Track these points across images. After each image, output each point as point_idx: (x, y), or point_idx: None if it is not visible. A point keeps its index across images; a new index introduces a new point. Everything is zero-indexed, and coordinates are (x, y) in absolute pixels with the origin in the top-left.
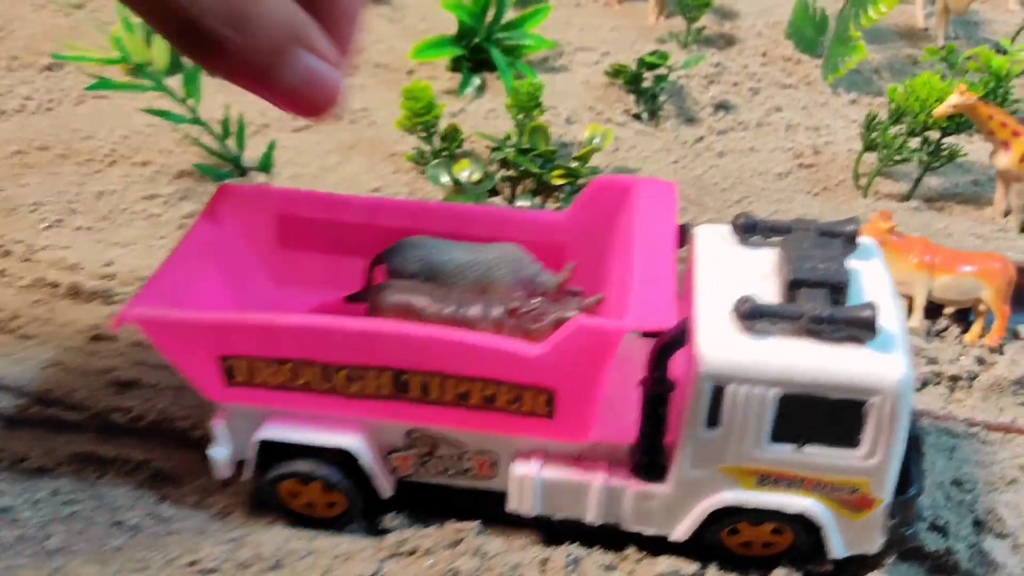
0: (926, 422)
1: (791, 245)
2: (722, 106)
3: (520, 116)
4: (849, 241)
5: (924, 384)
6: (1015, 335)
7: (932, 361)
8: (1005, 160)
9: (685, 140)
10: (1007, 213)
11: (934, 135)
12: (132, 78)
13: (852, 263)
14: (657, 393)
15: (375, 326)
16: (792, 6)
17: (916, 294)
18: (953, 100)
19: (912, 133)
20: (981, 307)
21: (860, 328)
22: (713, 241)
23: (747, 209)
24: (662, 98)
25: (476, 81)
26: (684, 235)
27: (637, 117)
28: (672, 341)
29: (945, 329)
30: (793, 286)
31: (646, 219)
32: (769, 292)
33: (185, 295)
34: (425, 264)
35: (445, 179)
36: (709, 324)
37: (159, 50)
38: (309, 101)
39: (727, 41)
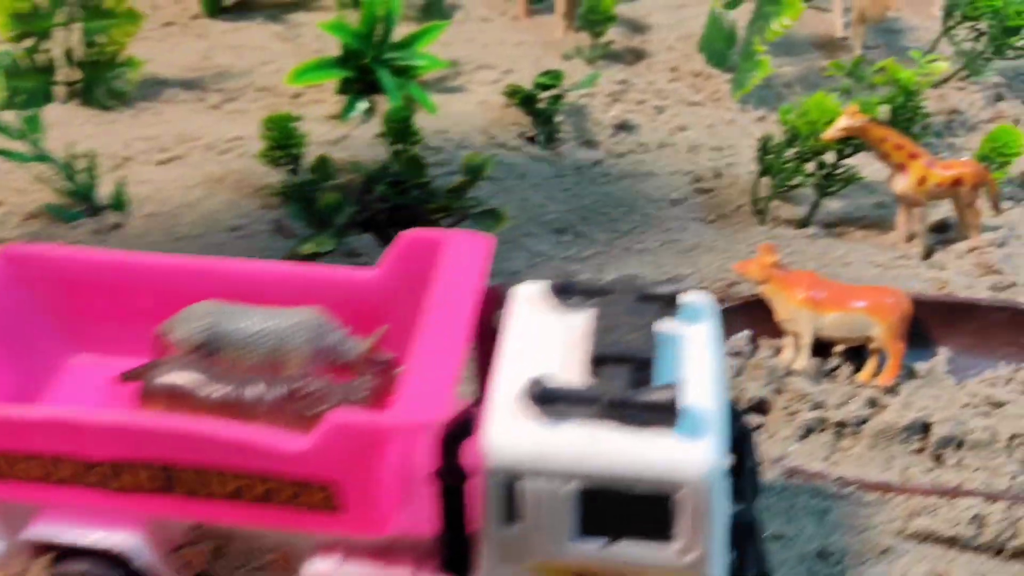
0: (797, 481)
1: (604, 312)
2: (624, 127)
3: (396, 144)
4: (668, 305)
5: (808, 432)
6: (911, 374)
7: (817, 406)
8: (903, 184)
9: (581, 164)
10: (911, 238)
11: (832, 157)
12: None
13: (672, 330)
14: (449, 485)
15: (128, 419)
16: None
17: (802, 332)
18: (842, 122)
19: (804, 157)
20: (873, 345)
21: (660, 412)
22: (529, 305)
23: (636, 240)
24: (560, 119)
25: (363, 105)
26: (500, 296)
27: (533, 140)
28: (458, 430)
29: (836, 368)
30: (597, 362)
31: (448, 282)
32: (576, 368)
33: None
34: (211, 335)
35: (305, 217)
36: (501, 409)
37: None
38: None
39: (636, 56)
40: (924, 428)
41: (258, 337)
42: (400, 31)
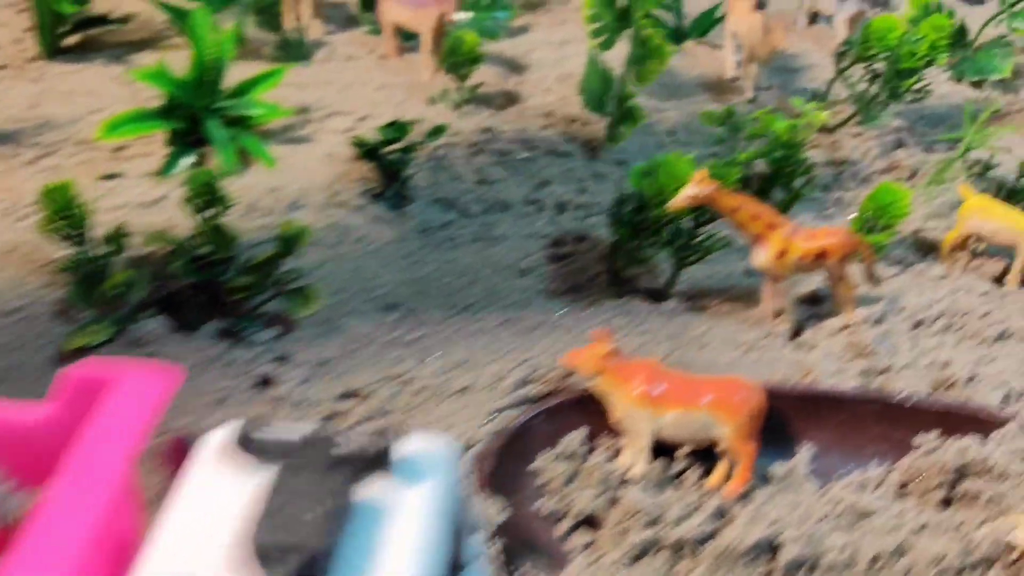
0: None
1: (284, 478)
2: (484, 181)
3: (201, 212)
4: (376, 464)
5: (641, 553)
6: (765, 478)
7: (653, 522)
8: (762, 257)
9: (429, 226)
10: (778, 314)
11: (690, 223)
12: None
13: (377, 499)
14: None
15: None
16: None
17: (639, 433)
18: (688, 191)
19: (658, 223)
20: (721, 447)
21: None
22: (209, 462)
23: (474, 317)
24: (415, 173)
25: (187, 160)
26: (185, 448)
27: (380, 197)
28: None
29: (682, 473)
30: (261, 553)
31: (101, 431)
32: (236, 560)
33: None
34: None
35: (88, 298)
36: None
37: None
38: None
39: (508, 99)
40: (772, 548)
41: None
42: (253, 71)
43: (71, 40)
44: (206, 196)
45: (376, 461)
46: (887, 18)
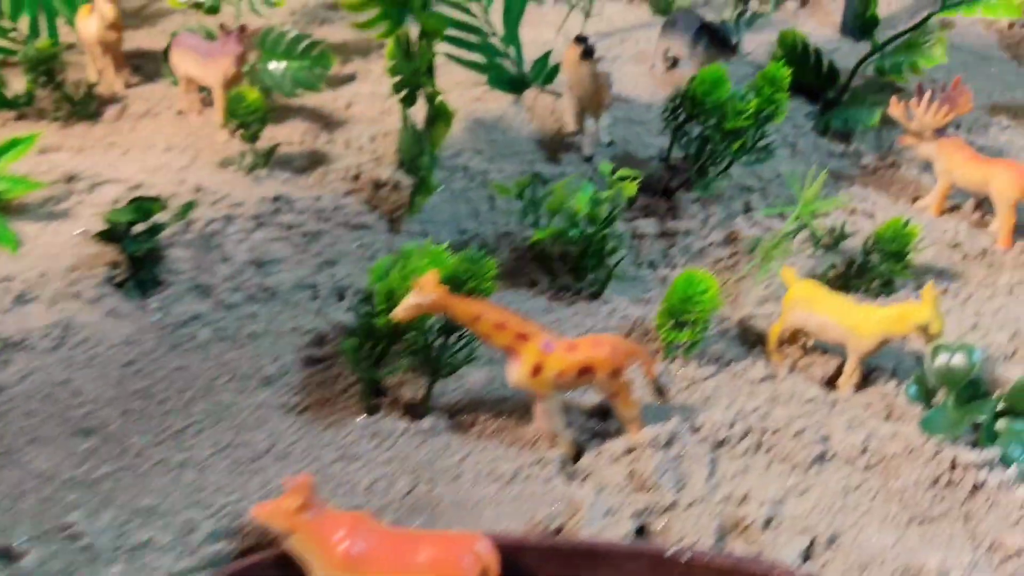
0: None
1: None
2: (257, 263)
3: None
4: None
5: None
6: None
7: None
8: (515, 374)
9: (171, 322)
10: (553, 437)
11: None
12: None
13: None
14: None
15: None
16: None
17: None
18: (411, 298)
19: (395, 330)
20: None
21: None
22: None
23: (185, 443)
24: (169, 255)
25: None
26: None
27: (122, 286)
28: None
29: None
30: None
31: None
32: None
33: None
34: None
35: None
36: None
37: None
38: None
39: (313, 160)
40: None
41: None
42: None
43: None
44: None
45: None
46: (714, 69)
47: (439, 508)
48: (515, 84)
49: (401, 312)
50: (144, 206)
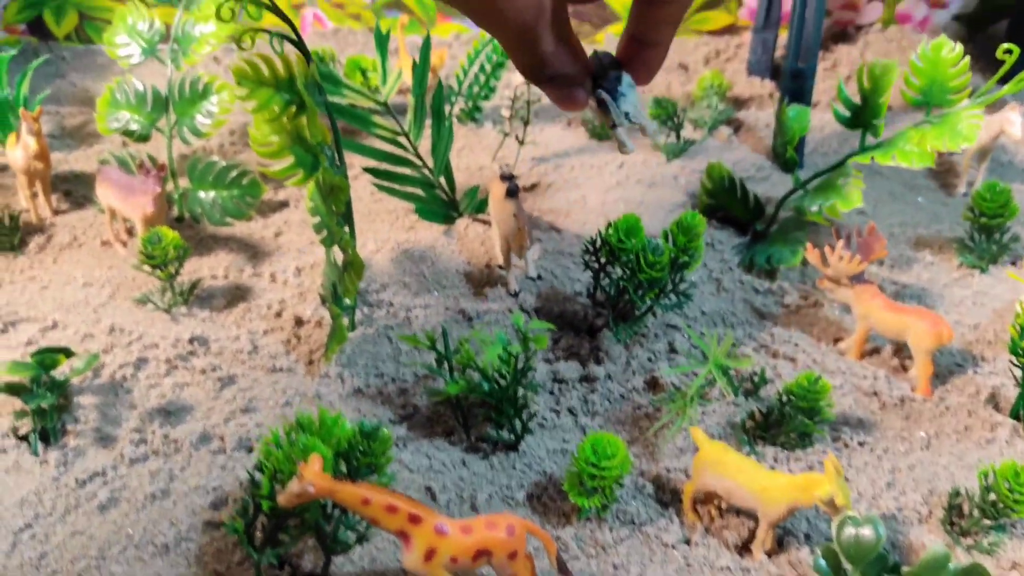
0: None
1: None
2: (165, 411)
3: None
4: None
5: None
6: None
7: None
8: (409, 560)
9: (72, 479)
10: None
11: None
12: None
13: None
14: None
15: None
16: None
17: None
18: (294, 487)
19: (282, 512)
20: None
21: None
22: None
23: None
24: (88, 400)
25: None
26: None
27: (26, 438)
28: None
29: None
30: None
31: None
32: None
33: None
34: None
35: None
36: None
37: None
38: (566, 105)
39: (234, 297)
40: None
41: None
42: None
43: None
44: None
45: None
46: (629, 217)
47: None
48: (446, 215)
49: (284, 500)
50: (48, 359)
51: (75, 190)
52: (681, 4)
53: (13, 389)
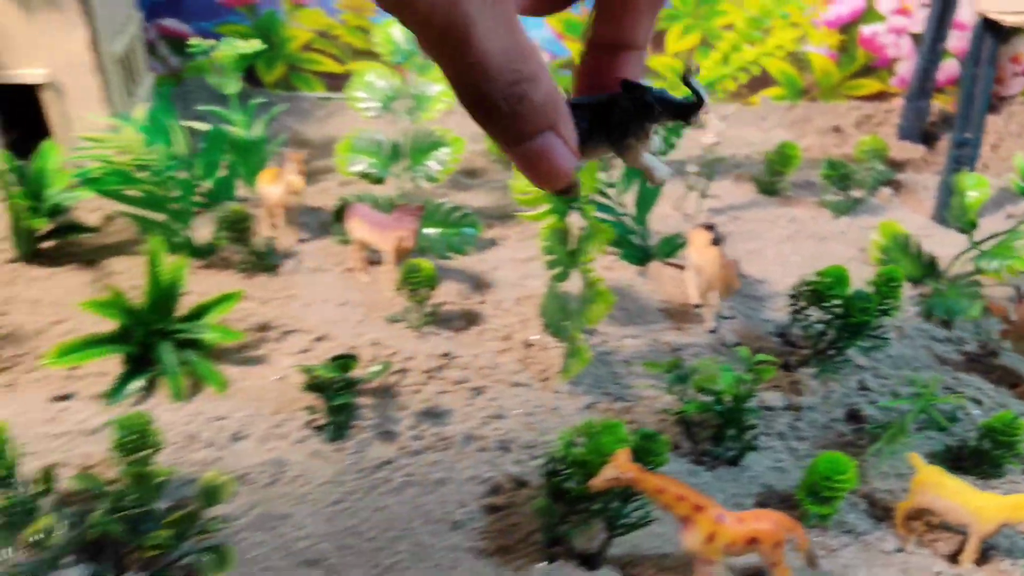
0: None
1: None
2: (430, 414)
3: (128, 456)
4: None
5: None
6: None
7: None
8: (690, 541)
9: (366, 466)
10: None
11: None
12: None
13: None
14: None
15: None
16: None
17: None
18: (608, 473)
19: (585, 494)
20: None
21: None
22: None
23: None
24: (364, 403)
25: (137, 384)
26: None
27: (321, 429)
28: None
29: None
30: None
31: None
32: None
33: None
34: None
35: (11, 545)
36: None
37: None
38: (540, 174)
39: (468, 320)
40: None
41: None
42: (217, 282)
43: (47, 244)
44: (136, 441)
45: None
46: (836, 268)
47: None
48: (641, 257)
49: (599, 483)
50: (346, 363)
51: (309, 222)
52: None
53: (317, 387)
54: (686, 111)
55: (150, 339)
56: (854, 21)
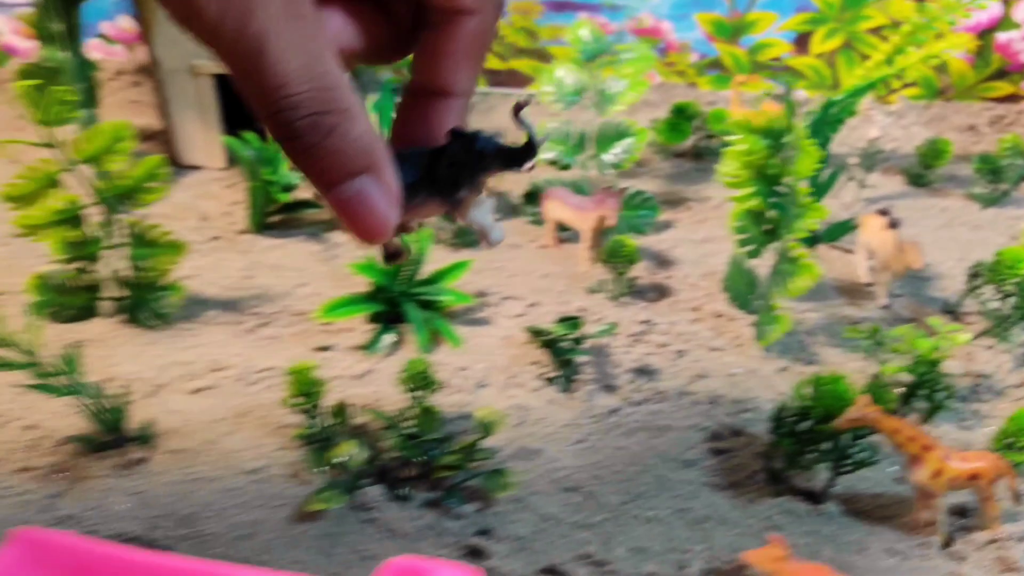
0: None
1: None
2: (643, 371)
3: (414, 393)
4: None
5: None
6: None
7: None
8: (918, 475)
9: (597, 412)
10: (929, 524)
11: (848, 436)
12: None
13: None
14: None
15: None
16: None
17: None
18: (853, 413)
19: (817, 435)
20: None
21: None
22: None
23: (647, 505)
24: (582, 360)
25: (389, 338)
26: None
27: (551, 381)
28: None
29: None
30: None
31: None
32: None
33: None
34: None
35: (320, 465)
36: None
37: (33, 330)
38: (357, 222)
39: (659, 292)
40: None
41: None
42: (437, 256)
43: (275, 218)
44: (420, 380)
45: None
46: (1016, 250)
47: (854, 574)
48: (809, 240)
49: (844, 423)
50: (575, 323)
51: (499, 204)
52: (482, 24)
53: (548, 344)
54: (519, 157)
55: (396, 300)
56: (991, 28)
